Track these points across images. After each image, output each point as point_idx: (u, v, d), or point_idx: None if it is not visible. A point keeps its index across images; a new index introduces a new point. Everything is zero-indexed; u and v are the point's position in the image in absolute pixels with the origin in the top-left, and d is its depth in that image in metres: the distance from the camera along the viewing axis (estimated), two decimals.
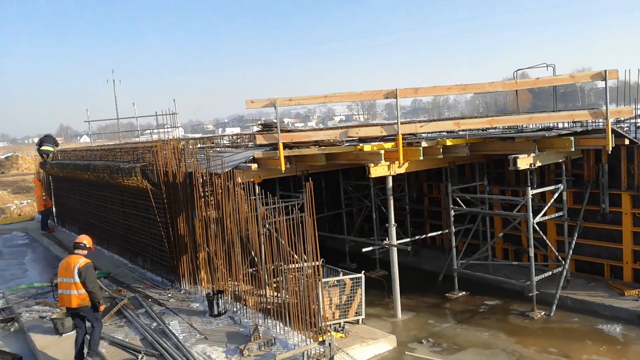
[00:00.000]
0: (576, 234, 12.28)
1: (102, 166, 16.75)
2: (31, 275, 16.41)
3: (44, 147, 24.30)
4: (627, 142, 11.44)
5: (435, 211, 16.73)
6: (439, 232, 15.83)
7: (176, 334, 10.23)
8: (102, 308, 9.44)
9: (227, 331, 10.67)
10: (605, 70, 10.29)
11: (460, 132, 12.62)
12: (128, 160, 15.72)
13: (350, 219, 18.96)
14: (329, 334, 9.24)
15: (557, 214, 12.40)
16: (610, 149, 10.50)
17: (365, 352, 9.79)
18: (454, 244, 13.15)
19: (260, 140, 12.08)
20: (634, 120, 12.49)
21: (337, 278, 11.07)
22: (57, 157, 24.09)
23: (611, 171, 12.07)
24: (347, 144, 12.35)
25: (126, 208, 16.51)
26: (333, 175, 17.75)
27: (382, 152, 11.22)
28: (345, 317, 10.77)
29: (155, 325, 10.90)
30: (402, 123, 11.30)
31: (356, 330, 10.57)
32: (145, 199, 14.33)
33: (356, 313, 10.95)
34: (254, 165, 12.01)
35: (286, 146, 12.35)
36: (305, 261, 13.50)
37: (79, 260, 9.09)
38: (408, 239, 15.06)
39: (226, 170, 12.06)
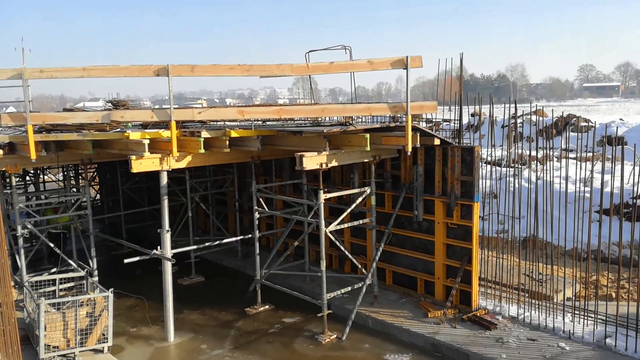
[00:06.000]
0: (383, 243, 10.81)
1: None
2: None
3: None
4: (437, 142, 9.98)
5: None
6: (267, 232, 14.20)
7: None
8: None
9: None
10: (407, 57, 8.67)
11: (260, 123, 10.80)
12: None
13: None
14: None
15: (365, 220, 10.87)
16: (410, 149, 8.95)
17: None
18: (257, 250, 11.36)
19: (6, 120, 9.71)
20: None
21: (80, 297, 9.02)
22: None
23: (428, 175, 10.61)
24: (119, 129, 10.20)
25: None
26: None
27: (146, 141, 9.17)
28: (82, 346, 8.73)
29: None
30: (176, 108, 9.30)
31: None
32: None
33: (103, 338, 8.94)
34: None
35: (43, 129, 10.09)
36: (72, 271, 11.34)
37: None
38: (235, 238, 13.21)
39: None
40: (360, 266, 10.75)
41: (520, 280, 10.36)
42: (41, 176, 18.32)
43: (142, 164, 9.32)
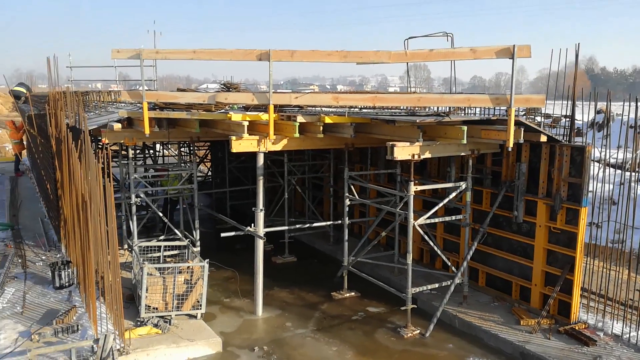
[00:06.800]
0: (476, 242, 10.28)
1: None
2: None
3: (16, 88, 23.77)
4: (543, 138, 9.22)
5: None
6: (359, 220, 14.20)
7: None
8: None
9: (52, 308, 9.64)
10: (514, 46, 8.10)
11: (347, 110, 10.79)
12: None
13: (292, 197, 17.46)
14: (102, 335, 7.98)
15: (459, 217, 10.40)
16: (511, 145, 8.38)
17: (172, 356, 8.45)
18: (346, 237, 11.41)
19: (125, 97, 10.67)
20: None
21: (179, 265, 9.73)
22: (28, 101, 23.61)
23: (532, 173, 9.87)
24: (223, 110, 10.73)
25: (45, 162, 15.76)
26: None
27: (246, 123, 9.58)
28: (178, 310, 9.44)
29: None
30: (275, 92, 9.56)
31: (184, 326, 9.23)
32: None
33: (198, 305, 9.59)
34: (117, 125, 10.67)
35: (157, 107, 10.93)
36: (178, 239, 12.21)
37: None
38: (326, 223, 13.43)
39: (92, 127, 10.86)
40: (450, 264, 10.37)
41: (629, 296, 9.32)
42: (160, 150, 19.98)
43: (241, 145, 9.75)
